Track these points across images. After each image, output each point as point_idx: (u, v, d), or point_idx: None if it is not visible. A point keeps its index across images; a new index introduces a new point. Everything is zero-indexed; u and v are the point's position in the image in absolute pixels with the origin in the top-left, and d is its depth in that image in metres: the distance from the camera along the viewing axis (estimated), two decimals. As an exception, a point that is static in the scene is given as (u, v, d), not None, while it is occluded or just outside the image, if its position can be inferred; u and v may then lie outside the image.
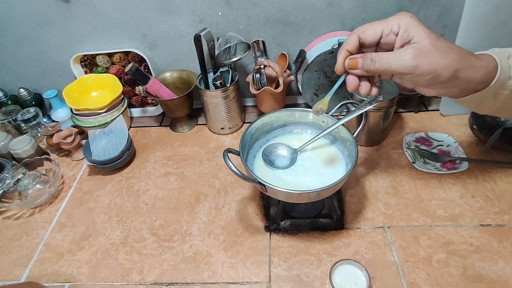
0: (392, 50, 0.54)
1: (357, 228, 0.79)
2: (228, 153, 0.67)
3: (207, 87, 1.03)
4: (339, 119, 0.75)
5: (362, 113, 0.76)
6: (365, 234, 0.77)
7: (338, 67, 0.58)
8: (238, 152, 0.71)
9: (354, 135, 0.75)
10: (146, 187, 0.94)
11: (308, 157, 0.79)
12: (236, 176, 0.64)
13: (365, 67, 0.54)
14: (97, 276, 0.74)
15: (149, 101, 1.18)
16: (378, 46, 0.56)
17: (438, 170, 0.87)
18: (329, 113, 0.79)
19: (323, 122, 0.81)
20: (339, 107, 0.83)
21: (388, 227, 0.78)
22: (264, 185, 0.66)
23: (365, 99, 0.87)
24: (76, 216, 0.88)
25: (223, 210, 0.85)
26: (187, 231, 0.82)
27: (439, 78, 0.50)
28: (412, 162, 0.90)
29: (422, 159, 0.91)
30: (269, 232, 0.80)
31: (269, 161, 0.77)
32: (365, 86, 0.57)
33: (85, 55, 1.07)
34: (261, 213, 0.84)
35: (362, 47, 0.56)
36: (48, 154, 1.05)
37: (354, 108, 0.77)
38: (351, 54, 0.56)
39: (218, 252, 0.77)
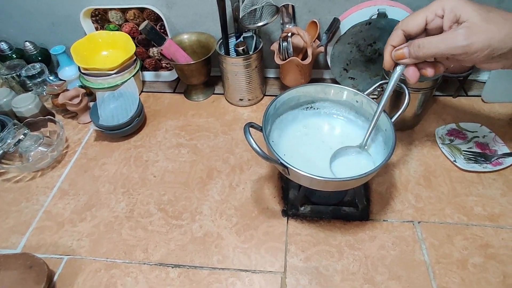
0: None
1: (384, 220, 0.71)
2: (250, 128, 0.59)
3: (227, 53, 0.94)
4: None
5: (405, 94, 0.67)
6: (392, 227, 0.70)
7: (386, 63, 0.57)
8: (260, 128, 0.63)
9: (393, 119, 0.66)
10: (156, 158, 0.87)
11: (338, 140, 0.71)
12: (258, 155, 0.56)
13: (413, 54, 0.52)
14: (98, 250, 0.69)
15: (164, 65, 1.10)
16: (426, 33, 0.54)
17: (483, 168, 0.78)
18: (365, 93, 0.71)
19: (356, 102, 0.72)
20: (376, 87, 0.74)
21: (419, 222, 0.71)
22: (287, 168, 0.59)
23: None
24: (80, 183, 0.82)
25: (238, 189, 0.79)
26: (197, 209, 0.75)
27: (498, 51, 0.47)
28: (453, 160, 0.80)
29: (464, 158, 0.81)
30: (286, 217, 0.73)
31: None
32: (429, 69, 0.55)
33: (96, 9, 0.98)
34: (279, 196, 0.77)
35: (409, 40, 0.55)
36: (53, 115, 0.98)
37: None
38: None
39: (230, 235, 0.70)
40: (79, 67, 0.96)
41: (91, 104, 0.95)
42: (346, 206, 0.74)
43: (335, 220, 0.72)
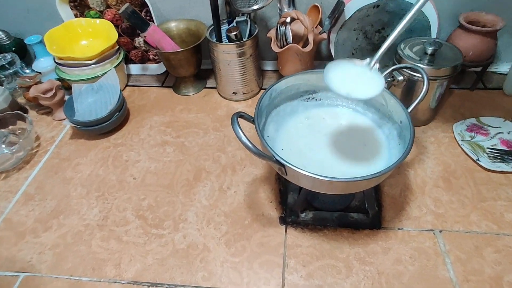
0: None
1: (399, 229, 0.61)
2: (239, 118, 0.49)
3: (219, 41, 0.84)
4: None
5: (423, 81, 0.57)
6: (409, 237, 0.60)
7: None
8: (252, 119, 0.53)
9: (409, 110, 0.56)
10: (137, 158, 0.77)
11: (344, 136, 0.61)
12: (248, 151, 0.46)
13: None
14: (61, 266, 0.58)
15: (151, 56, 1.00)
16: None
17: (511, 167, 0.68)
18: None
19: (365, 89, 0.62)
20: (389, 73, 0.64)
21: (440, 231, 0.60)
22: (283, 166, 0.49)
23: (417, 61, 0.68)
24: (48, 187, 0.72)
25: (229, 193, 0.68)
26: (181, 216, 0.65)
27: None
28: (476, 159, 0.70)
29: (488, 156, 0.71)
30: (285, 226, 0.62)
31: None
32: None
33: (74, -7, 0.89)
34: (276, 200, 0.66)
35: None
36: (26, 111, 0.88)
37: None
38: None
39: (218, 247, 0.60)
40: (54, 58, 0.87)
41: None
42: (354, 212, 0.64)
43: (341, 229, 0.62)
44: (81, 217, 0.66)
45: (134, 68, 1.02)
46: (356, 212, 0.64)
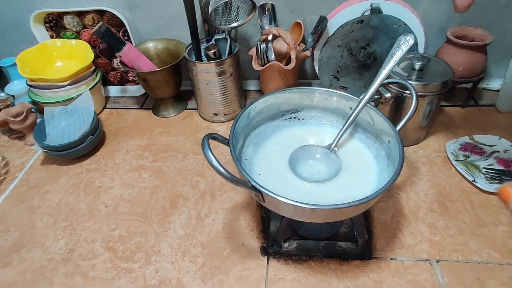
0: None
1: (391, 259, 0.56)
2: (211, 140, 0.44)
3: (199, 60, 0.80)
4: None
5: (412, 97, 0.53)
6: (404, 269, 0.54)
7: None
8: (227, 141, 0.48)
9: (398, 128, 0.52)
10: (111, 184, 0.72)
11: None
12: (221, 177, 0.42)
13: None
14: (17, 308, 0.53)
15: (130, 78, 0.96)
16: None
17: (511, 189, 0.63)
18: (361, 97, 0.57)
19: (350, 109, 0.58)
20: (374, 90, 0.60)
21: (437, 261, 0.55)
22: (260, 192, 0.44)
23: (405, 77, 0.65)
24: (12, 217, 0.66)
25: (207, 221, 0.63)
26: (154, 247, 0.59)
27: None
28: (473, 180, 0.66)
29: (485, 177, 0.67)
30: (266, 257, 0.57)
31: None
32: None
33: (49, 14, 0.85)
34: (258, 229, 0.61)
35: None
36: (-4, 136, 0.84)
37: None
38: None
39: (194, 282, 0.54)
40: (26, 80, 0.83)
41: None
42: (342, 241, 0.59)
43: (329, 260, 0.56)
44: (45, 250, 0.60)
45: (113, 90, 0.98)
46: (345, 240, 0.59)
